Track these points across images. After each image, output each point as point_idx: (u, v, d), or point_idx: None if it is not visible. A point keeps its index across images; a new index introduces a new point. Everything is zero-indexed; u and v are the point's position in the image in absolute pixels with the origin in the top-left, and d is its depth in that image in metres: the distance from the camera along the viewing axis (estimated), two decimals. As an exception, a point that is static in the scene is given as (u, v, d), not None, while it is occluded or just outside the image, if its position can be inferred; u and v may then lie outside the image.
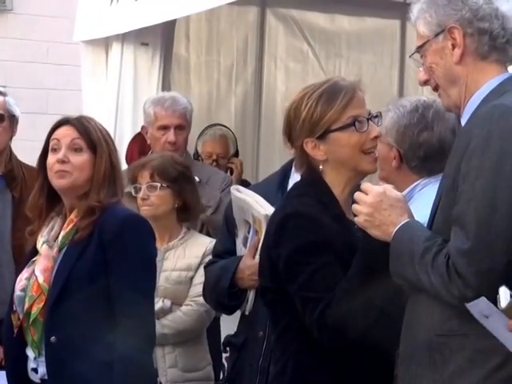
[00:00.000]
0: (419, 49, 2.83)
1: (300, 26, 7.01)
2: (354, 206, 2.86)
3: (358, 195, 2.86)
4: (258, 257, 3.89)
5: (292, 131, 3.10)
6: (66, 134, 3.60)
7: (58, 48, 11.31)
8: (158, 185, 4.60)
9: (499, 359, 2.62)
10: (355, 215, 2.87)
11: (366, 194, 2.85)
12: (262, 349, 3.73)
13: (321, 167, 3.08)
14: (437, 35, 2.77)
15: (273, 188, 4.00)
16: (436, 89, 2.87)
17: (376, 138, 3.11)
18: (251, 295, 3.86)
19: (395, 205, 2.81)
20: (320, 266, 2.93)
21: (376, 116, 3.13)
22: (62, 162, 3.56)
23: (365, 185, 2.90)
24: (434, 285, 2.63)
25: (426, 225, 2.91)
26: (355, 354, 2.97)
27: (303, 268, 2.94)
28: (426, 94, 6.73)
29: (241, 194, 3.82)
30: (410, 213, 2.84)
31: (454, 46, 2.76)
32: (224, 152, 6.46)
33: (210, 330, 4.84)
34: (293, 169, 3.99)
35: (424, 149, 3.65)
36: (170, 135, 5.41)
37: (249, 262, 3.83)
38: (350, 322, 2.90)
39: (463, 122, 2.82)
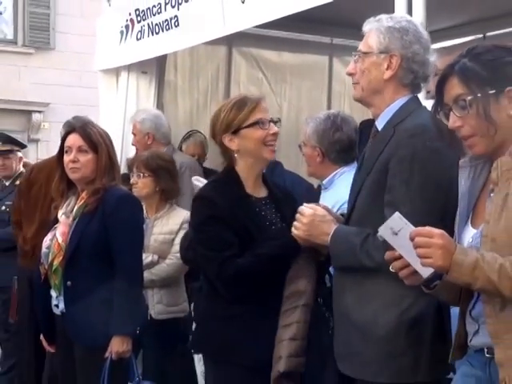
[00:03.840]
0: (360, 52, 2.75)
1: (257, 60, 6.97)
2: (294, 224, 2.83)
3: (297, 217, 2.82)
4: None
5: (215, 130, 3.06)
6: (74, 140, 3.62)
7: (87, 75, 11.28)
8: (141, 174, 4.57)
9: (410, 301, 2.57)
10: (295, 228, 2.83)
11: (302, 215, 2.81)
12: None
13: (236, 155, 3.03)
14: (380, 53, 2.71)
15: None
16: (355, 83, 2.79)
17: (274, 134, 3.04)
18: None
19: (324, 220, 2.77)
20: (216, 233, 2.90)
21: (276, 121, 3.07)
22: (73, 161, 3.59)
23: (300, 208, 2.84)
24: (378, 262, 2.48)
25: (345, 204, 2.89)
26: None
27: (204, 235, 2.93)
28: (347, 109, 6.76)
29: (198, 182, 3.84)
30: (335, 221, 2.79)
31: (388, 67, 2.71)
32: (202, 154, 6.43)
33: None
34: None
35: (339, 144, 3.67)
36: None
37: None
38: (248, 272, 2.86)
39: (378, 124, 2.76)
